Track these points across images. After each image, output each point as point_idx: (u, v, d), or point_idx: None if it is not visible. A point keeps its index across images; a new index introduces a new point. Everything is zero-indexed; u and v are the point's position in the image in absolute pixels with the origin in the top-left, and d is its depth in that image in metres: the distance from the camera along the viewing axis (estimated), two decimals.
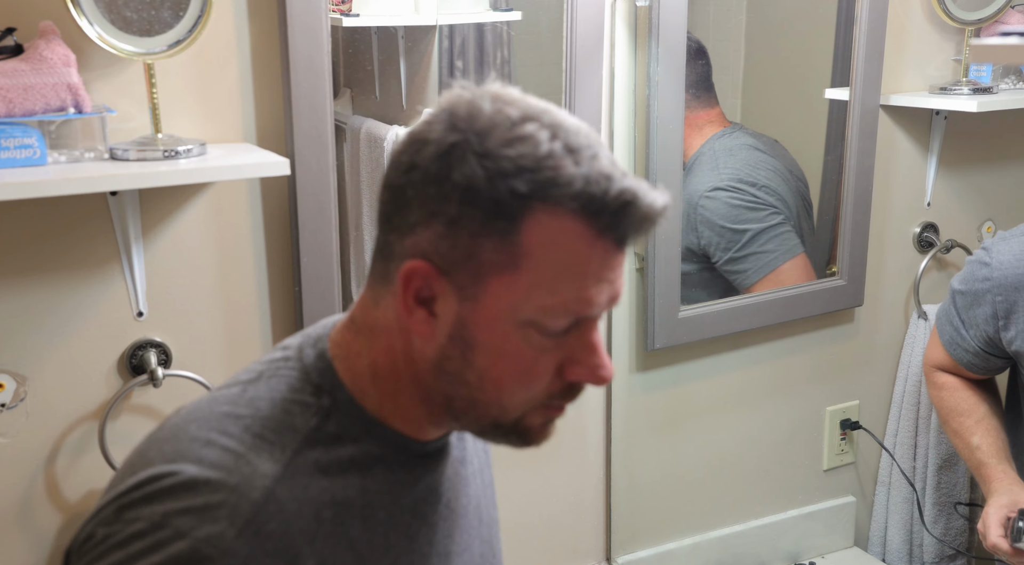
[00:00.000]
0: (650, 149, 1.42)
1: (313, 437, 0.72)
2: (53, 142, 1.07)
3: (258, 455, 0.70)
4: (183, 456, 0.69)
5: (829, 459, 1.77)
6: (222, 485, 0.67)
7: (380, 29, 1.32)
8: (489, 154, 0.65)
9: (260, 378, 0.75)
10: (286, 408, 0.73)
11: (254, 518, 0.67)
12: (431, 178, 0.67)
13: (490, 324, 0.68)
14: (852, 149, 1.60)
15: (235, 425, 0.72)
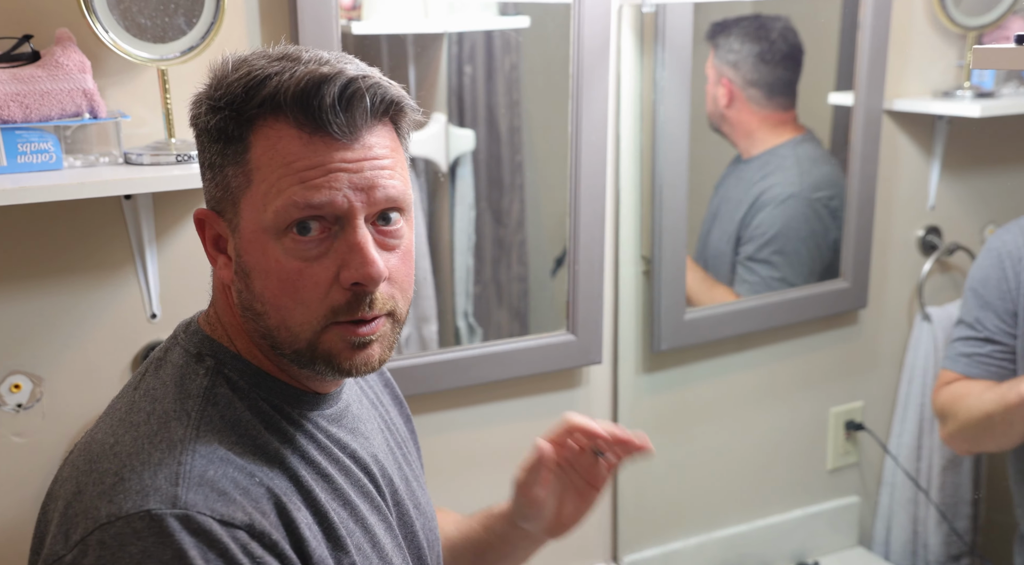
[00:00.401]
0: (656, 153, 1.44)
1: (210, 396, 0.75)
2: (69, 147, 1.09)
3: (168, 430, 0.73)
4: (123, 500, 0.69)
5: (833, 459, 1.78)
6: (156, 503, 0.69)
7: (390, 36, 1.33)
8: (213, 94, 0.73)
9: (146, 373, 0.79)
10: (177, 382, 0.76)
11: (190, 481, 0.69)
12: (195, 135, 0.76)
13: (250, 245, 0.73)
14: (856, 153, 1.61)
15: (135, 432, 0.73)
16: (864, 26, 1.55)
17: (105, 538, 0.67)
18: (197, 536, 0.67)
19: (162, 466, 0.70)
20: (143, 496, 0.68)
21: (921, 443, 1.77)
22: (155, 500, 0.68)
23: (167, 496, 0.68)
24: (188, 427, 0.72)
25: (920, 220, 1.76)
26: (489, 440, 1.46)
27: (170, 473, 0.69)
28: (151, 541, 0.66)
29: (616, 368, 1.53)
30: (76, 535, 0.69)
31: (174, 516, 0.67)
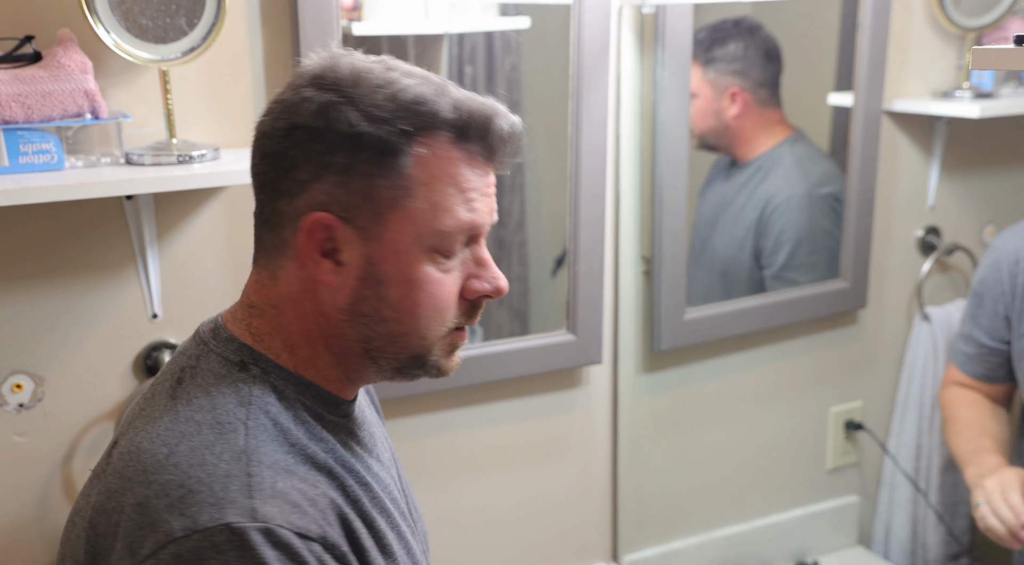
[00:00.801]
0: (656, 154, 1.44)
1: (261, 405, 0.74)
2: (70, 147, 1.09)
3: (226, 440, 0.71)
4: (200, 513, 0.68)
5: (833, 459, 1.78)
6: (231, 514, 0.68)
7: (390, 36, 1.34)
8: (364, 101, 0.72)
9: (180, 381, 0.76)
10: (223, 391, 0.74)
11: (263, 493, 0.69)
12: (315, 135, 0.72)
13: (397, 256, 0.74)
14: (855, 153, 1.61)
15: (190, 442, 0.71)
16: (863, 27, 1.56)
17: (181, 552, 0.65)
18: (278, 549, 0.66)
19: (231, 478, 0.68)
20: (219, 509, 0.67)
21: (920, 443, 1.77)
22: (233, 513, 0.66)
23: (244, 509, 0.67)
24: (247, 437, 0.71)
25: (919, 220, 1.77)
26: (489, 440, 1.47)
27: (242, 485, 0.68)
28: (232, 555, 0.65)
29: (616, 368, 1.53)
30: (146, 549, 0.67)
31: (256, 529, 0.66)
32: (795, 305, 1.62)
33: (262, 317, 0.78)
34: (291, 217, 0.74)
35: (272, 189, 0.74)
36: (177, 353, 0.81)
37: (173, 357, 0.81)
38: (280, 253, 0.76)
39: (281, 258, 0.76)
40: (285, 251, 0.75)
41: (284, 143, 0.73)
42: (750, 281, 1.61)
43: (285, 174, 0.73)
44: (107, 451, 0.77)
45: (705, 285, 1.59)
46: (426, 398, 1.39)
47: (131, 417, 0.78)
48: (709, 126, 1.57)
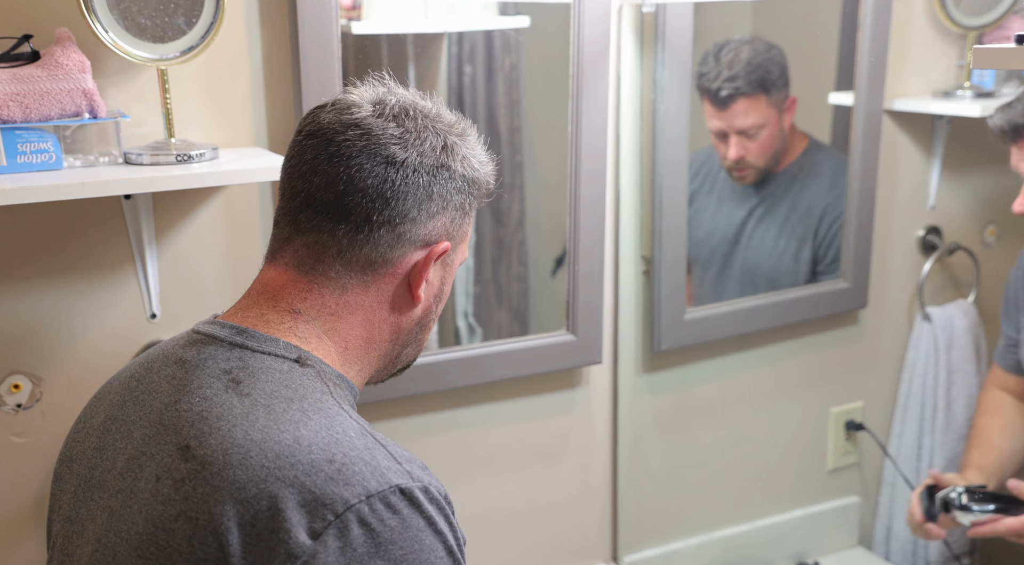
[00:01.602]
0: (656, 153, 1.44)
1: (332, 394, 0.81)
2: (68, 147, 1.09)
3: (337, 422, 0.78)
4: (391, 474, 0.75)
5: (834, 460, 1.78)
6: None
7: (390, 36, 1.33)
8: (474, 154, 0.88)
9: (240, 382, 0.79)
10: (297, 384, 0.79)
11: (403, 459, 0.78)
12: (455, 177, 0.85)
13: (450, 279, 0.91)
14: (856, 153, 1.61)
15: (306, 428, 0.76)
16: (864, 26, 1.55)
17: (363, 515, 0.71)
18: (434, 504, 0.75)
19: (371, 450, 0.75)
20: (380, 474, 0.73)
21: (921, 443, 1.77)
22: (396, 476, 0.74)
23: (401, 472, 0.74)
24: (350, 419, 0.78)
25: (920, 220, 1.76)
26: (489, 440, 1.46)
27: (385, 454, 0.76)
28: (406, 512, 0.73)
29: (616, 368, 1.53)
30: (322, 520, 0.70)
31: (418, 488, 0.74)
32: (796, 305, 1.62)
33: (312, 323, 0.83)
34: (410, 241, 0.84)
35: (399, 213, 0.82)
36: (192, 361, 0.81)
37: (187, 367, 0.80)
38: (371, 269, 0.83)
39: (369, 274, 0.83)
40: (380, 269, 0.83)
41: (427, 177, 0.83)
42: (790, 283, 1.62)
43: (419, 204, 0.83)
44: (176, 456, 0.75)
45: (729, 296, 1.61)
46: (426, 398, 1.39)
47: (189, 423, 0.77)
48: (775, 149, 1.56)
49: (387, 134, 0.82)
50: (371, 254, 0.82)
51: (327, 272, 0.83)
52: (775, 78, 1.53)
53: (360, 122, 0.82)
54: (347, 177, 0.80)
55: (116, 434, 0.82)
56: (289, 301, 0.83)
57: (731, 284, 1.61)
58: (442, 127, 0.85)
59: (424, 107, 0.86)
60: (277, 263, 0.84)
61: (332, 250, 0.82)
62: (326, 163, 0.81)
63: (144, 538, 0.74)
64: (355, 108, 0.83)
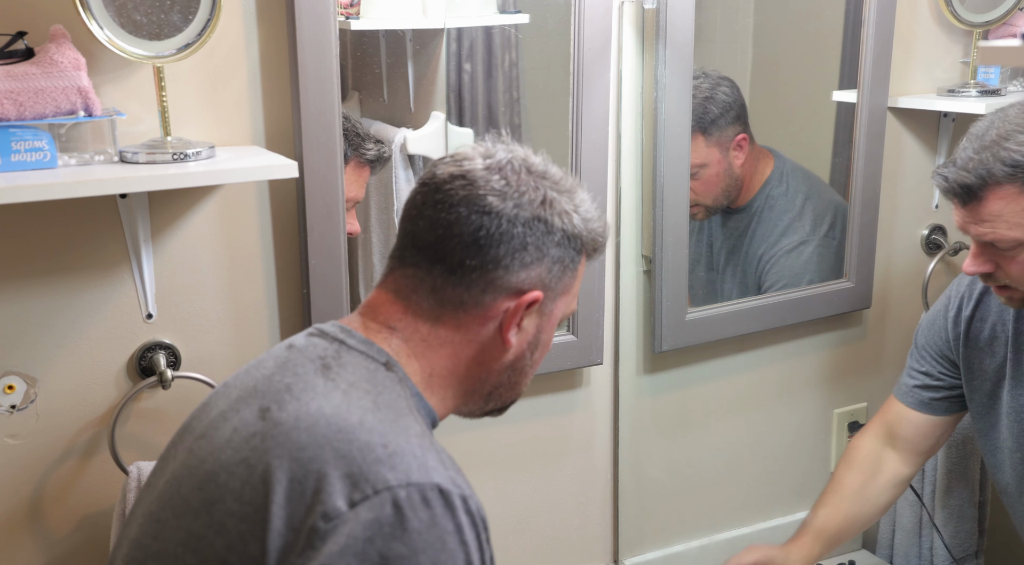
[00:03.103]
0: (657, 152, 1.43)
1: (411, 402, 0.87)
2: (63, 145, 1.08)
3: (404, 420, 0.84)
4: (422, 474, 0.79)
5: (837, 461, 1.76)
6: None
7: (388, 32, 1.33)
8: (578, 210, 0.92)
9: (326, 366, 0.86)
10: (380, 381, 0.86)
11: (452, 469, 0.83)
12: (551, 230, 0.90)
13: (550, 329, 0.96)
14: (860, 151, 1.60)
15: (374, 416, 0.82)
16: (868, 23, 1.54)
17: (398, 498, 0.75)
18: (469, 516, 0.78)
19: (425, 451, 0.80)
20: (426, 471, 0.78)
21: None
22: (439, 477, 0.78)
23: (446, 477, 0.79)
24: (417, 423, 0.84)
25: (925, 219, 1.75)
26: (489, 441, 1.45)
27: (436, 459, 0.80)
28: (439, 511, 0.76)
29: (617, 369, 1.52)
30: (361, 493, 0.76)
31: (458, 495, 0.78)
32: (798, 305, 1.61)
33: (405, 342, 0.90)
34: (501, 288, 0.89)
35: (492, 259, 0.88)
36: (300, 348, 0.89)
37: (294, 351, 0.89)
38: (463, 309, 0.89)
39: (460, 312, 0.89)
40: (472, 310, 0.89)
41: (522, 229, 0.88)
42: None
43: (512, 253, 0.88)
44: (256, 415, 0.83)
45: None
46: None
47: (276, 391, 0.84)
48: (723, 188, 1.55)
49: (488, 186, 0.88)
50: (463, 295, 0.88)
51: (421, 302, 0.89)
52: (714, 118, 1.50)
53: (467, 173, 0.89)
54: (447, 222, 0.88)
55: (220, 395, 0.90)
56: (387, 317, 0.90)
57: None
58: (547, 183, 0.91)
59: (532, 163, 0.92)
60: (381, 288, 0.92)
61: (427, 285, 0.89)
62: (431, 208, 0.89)
63: (208, 475, 0.81)
64: (467, 161, 0.90)
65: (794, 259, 1.60)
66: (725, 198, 1.56)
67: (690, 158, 1.44)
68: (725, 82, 1.52)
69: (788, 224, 1.60)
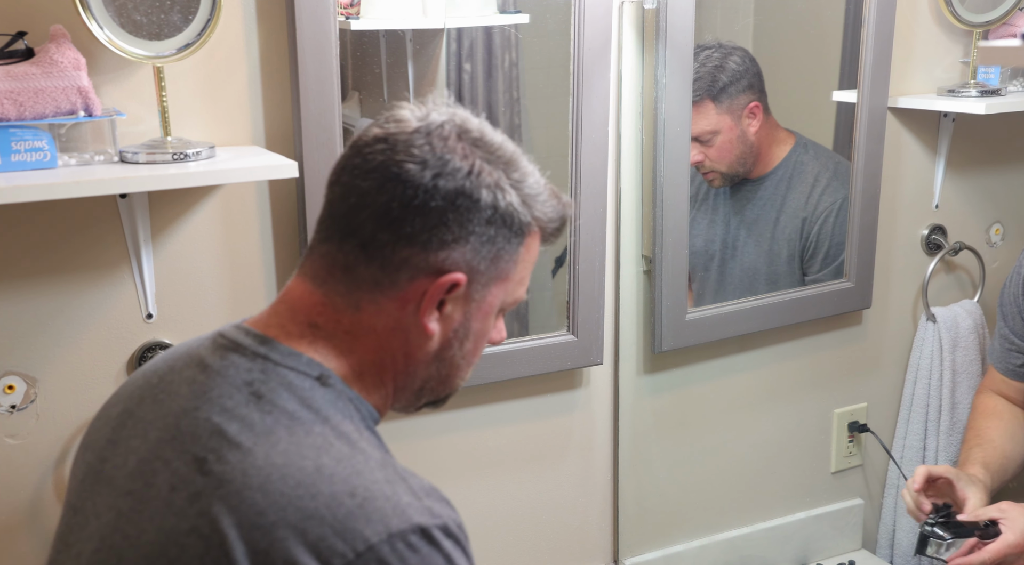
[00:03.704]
0: (657, 152, 1.43)
1: (356, 416, 0.80)
2: (63, 145, 1.08)
3: (359, 449, 0.76)
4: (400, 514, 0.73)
5: (837, 461, 1.76)
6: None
7: (388, 32, 1.33)
8: (520, 186, 0.82)
9: (261, 398, 0.76)
10: (321, 405, 0.77)
11: (424, 493, 0.76)
12: (477, 207, 0.79)
13: (485, 316, 0.85)
14: (860, 151, 1.59)
15: (328, 455, 0.74)
16: (868, 23, 1.54)
17: (382, 557, 0.69)
18: (451, 540, 0.73)
19: (393, 483, 0.73)
20: (402, 512, 0.71)
21: (926, 445, 1.75)
22: (416, 514, 0.72)
23: (423, 509, 0.73)
24: (371, 446, 0.77)
25: (925, 219, 1.75)
26: (489, 441, 1.45)
27: (406, 489, 0.74)
28: (426, 552, 0.71)
29: (617, 369, 1.52)
30: (342, 558, 0.69)
31: (437, 526, 0.72)
32: (798, 305, 1.60)
33: (329, 340, 0.81)
34: (418, 267, 0.79)
35: (406, 235, 0.78)
36: (216, 367, 0.79)
37: (210, 371, 0.79)
38: (379, 290, 0.79)
39: (377, 294, 0.80)
40: (388, 291, 0.79)
41: (442, 202, 0.78)
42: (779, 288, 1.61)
43: (430, 228, 0.78)
44: (193, 468, 0.74)
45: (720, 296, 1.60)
46: None
47: (208, 434, 0.75)
48: (737, 155, 1.55)
49: (409, 151, 0.78)
50: (376, 275, 0.79)
51: (337, 286, 0.80)
52: (724, 85, 1.51)
53: (390, 136, 0.79)
54: (360, 190, 0.78)
55: (131, 430, 0.80)
56: (307, 314, 0.81)
57: (728, 290, 1.60)
58: (479, 152, 0.80)
59: (469, 128, 0.81)
60: (300, 272, 0.83)
61: (340, 264, 0.80)
62: (348, 174, 0.80)
63: (154, 548, 0.72)
64: (397, 123, 0.80)
65: (844, 219, 1.61)
66: (741, 165, 1.56)
67: (700, 126, 1.47)
68: (738, 51, 1.53)
69: (826, 184, 1.60)
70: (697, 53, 1.45)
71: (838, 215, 1.61)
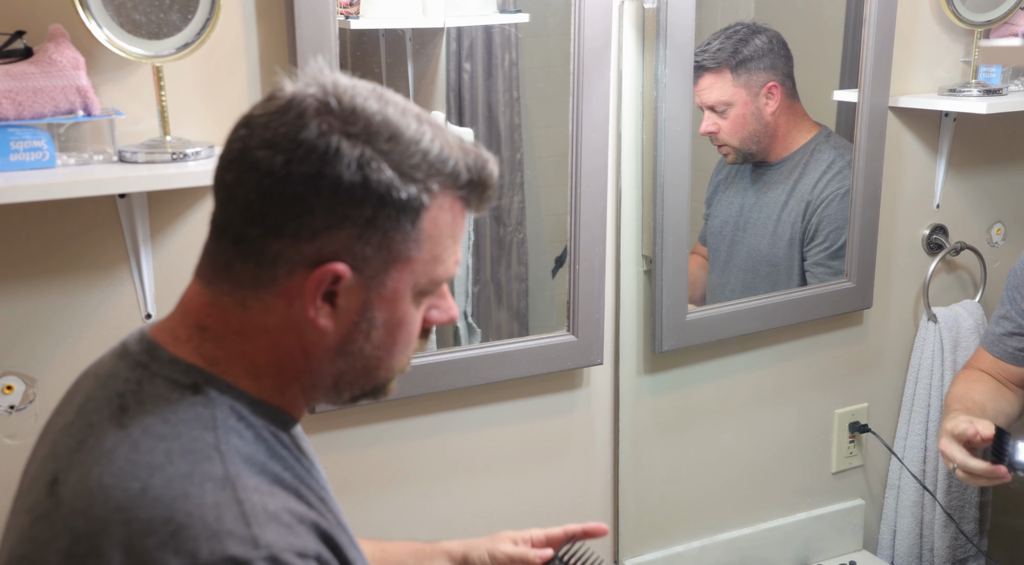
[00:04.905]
0: (658, 151, 1.42)
1: (225, 427, 0.72)
2: (62, 145, 1.07)
3: (202, 467, 0.69)
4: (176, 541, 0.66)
5: (838, 462, 1.76)
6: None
7: (388, 31, 1.32)
8: (400, 160, 0.71)
9: (124, 409, 0.72)
10: (182, 416, 0.71)
11: (258, 519, 0.68)
12: (344, 188, 0.69)
13: (392, 303, 0.75)
14: (861, 151, 1.59)
15: (163, 474, 0.69)
16: (869, 22, 1.54)
17: None
18: None
19: (221, 507, 0.67)
20: (218, 541, 0.65)
21: (927, 445, 1.75)
22: (234, 544, 0.65)
23: (245, 538, 0.66)
24: (224, 463, 0.69)
25: (926, 219, 1.75)
26: (488, 442, 1.45)
27: (235, 513, 0.67)
28: None
29: (617, 369, 1.51)
30: None
31: (261, 558, 0.65)
32: (799, 305, 1.60)
33: (218, 342, 0.74)
34: (292, 260, 0.71)
35: (272, 228, 0.70)
36: (103, 377, 0.76)
37: (98, 381, 0.76)
38: (261, 287, 0.72)
39: (260, 291, 0.73)
40: (270, 287, 0.72)
41: (301, 188, 0.69)
42: (787, 277, 1.62)
43: (295, 218, 0.70)
44: (45, 489, 0.71)
45: (733, 288, 1.60)
46: (425, 400, 1.37)
47: (68, 451, 0.72)
48: (750, 131, 1.56)
49: (262, 135, 0.70)
50: (254, 272, 0.72)
51: (222, 285, 0.74)
52: (745, 57, 1.52)
53: (252, 119, 0.72)
54: (225, 184, 0.72)
55: (40, 442, 0.79)
56: (196, 316, 0.75)
57: (742, 273, 1.61)
58: (340, 124, 0.70)
59: (339, 98, 0.71)
60: (195, 274, 0.77)
61: (220, 262, 0.74)
62: (217, 165, 0.73)
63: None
64: (269, 101, 0.72)
65: (847, 207, 1.61)
66: (754, 144, 1.57)
67: (715, 95, 1.50)
68: (768, 33, 1.54)
69: (837, 171, 1.60)
70: (728, 27, 1.47)
71: (842, 201, 1.60)
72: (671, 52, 1.38)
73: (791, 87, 1.57)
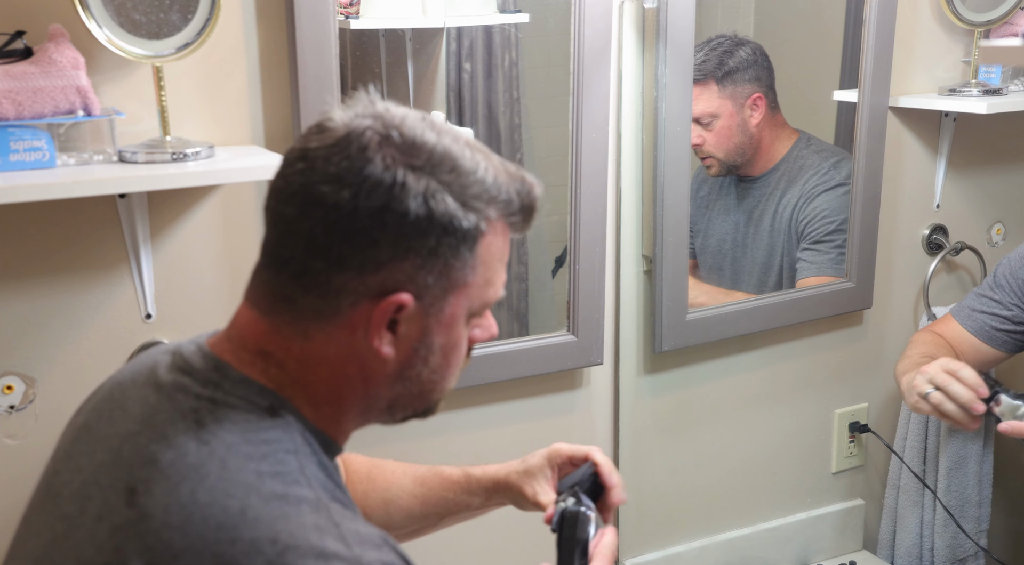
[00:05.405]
0: (658, 151, 1.42)
1: (303, 452, 0.75)
2: (62, 145, 1.07)
3: (293, 489, 0.71)
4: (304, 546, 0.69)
5: (838, 462, 1.76)
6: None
7: (388, 31, 1.32)
8: (461, 190, 0.73)
9: (202, 426, 0.73)
10: (265, 438, 0.73)
11: (357, 540, 0.71)
12: (411, 220, 0.71)
13: (449, 328, 0.78)
14: (861, 151, 1.59)
15: (258, 494, 0.70)
16: (869, 22, 1.54)
17: None
18: None
19: (322, 530, 0.69)
20: (324, 561, 0.67)
21: (927, 445, 1.75)
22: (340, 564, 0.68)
23: (350, 559, 0.68)
24: (310, 487, 0.72)
25: (926, 219, 1.75)
26: (488, 442, 1.45)
27: (335, 536, 0.69)
28: None
29: (617, 369, 1.51)
30: None
31: None
32: (799, 305, 1.60)
33: (283, 368, 0.76)
34: (356, 292, 0.73)
35: (336, 261, 0.72)
36: (168, 389, 0.76)
37: (163, 393, 0.76)
38: (323, 318, 0.74)
39: (323, 323, 0.74)
40: (332, 319, 0.74)
41: (367, 222, 0.71)
42: (792, 282, 1.62)
43: (360, 251, 0.71)
44: (122, 498, 0.71)
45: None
46: None
47: (143, 461, 0.72)
48: (735, 144, 1.56)
49: (325, 169, 0.71)
50: (317, 304, 0.73)
51: (283, 316, 0.75)
52: (731, 68, 1.52)
53: (308, 152, 0.72)
54: (285, 218, 0.73)
55: (84, 446, 0.78)
56: (257, 342, 0.76)
57: (752, 288, 1.61)
58: (405, 157, 0.71)
59: (402, 132, 0.72)
60: (245, 301, 0.78)
61: (280, 294, 0.74)
62: (274, 198, 0.74)
63: None
64: (322, 134, 0.73)
65: (834, 196, 1.60)
66: (739, 156, 1.57)
67: (700, 107, 1.50)
68: (752, 45, 1.54)
69: (826, 171, 1.61)
70: (711, 39, 1.47)
71: (825, 195, 1.60)
72: (671, 52, 1.38)
73: (773, 99, 1.57)
